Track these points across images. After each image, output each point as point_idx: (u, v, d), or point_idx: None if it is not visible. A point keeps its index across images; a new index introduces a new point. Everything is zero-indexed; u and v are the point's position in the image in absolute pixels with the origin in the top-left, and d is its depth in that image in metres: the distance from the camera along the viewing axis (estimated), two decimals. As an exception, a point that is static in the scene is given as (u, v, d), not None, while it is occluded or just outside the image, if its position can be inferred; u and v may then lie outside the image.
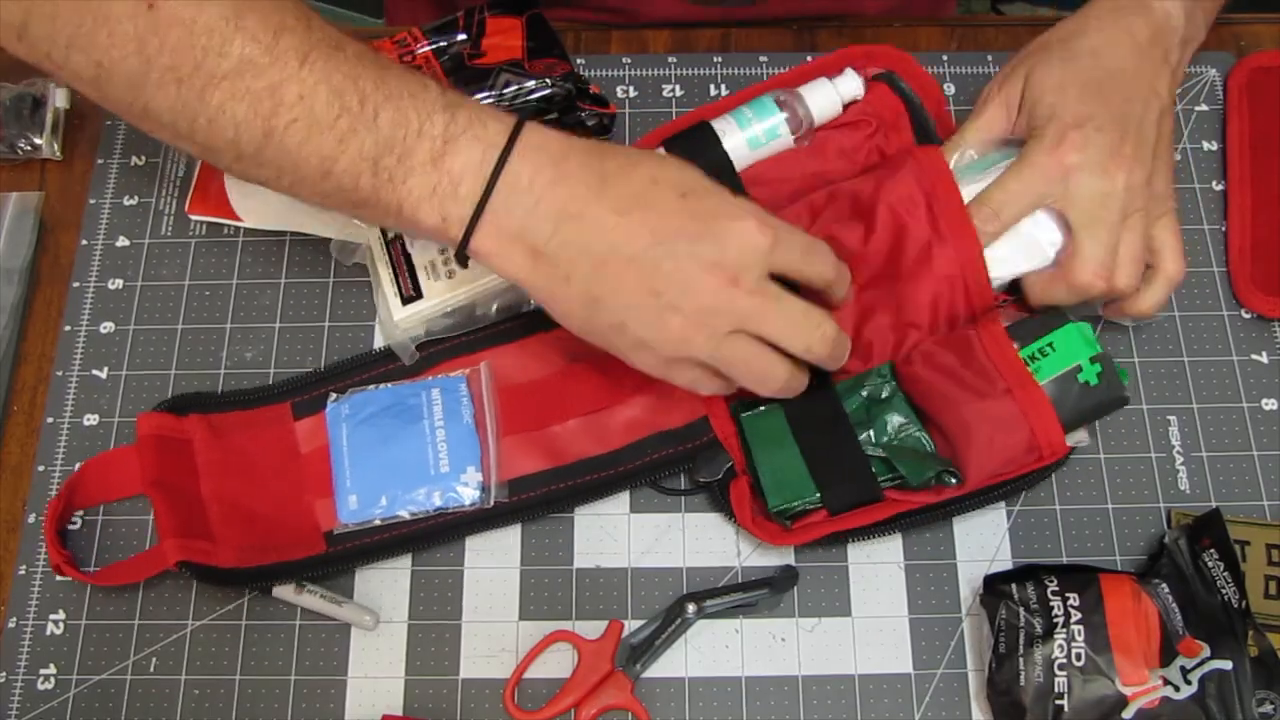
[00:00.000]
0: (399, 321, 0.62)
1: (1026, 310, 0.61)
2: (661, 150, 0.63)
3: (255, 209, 0.67)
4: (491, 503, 0.59)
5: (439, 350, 0.64)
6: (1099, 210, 0.56)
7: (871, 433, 0.59)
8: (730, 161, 0.63)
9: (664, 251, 0.50)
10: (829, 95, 0.63)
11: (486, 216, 0.50)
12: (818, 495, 0.58)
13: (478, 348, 0.64)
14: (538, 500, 0.60)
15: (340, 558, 0.59)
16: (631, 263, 0.50)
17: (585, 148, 0.51)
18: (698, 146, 0.63)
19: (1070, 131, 0.56)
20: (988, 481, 0.57)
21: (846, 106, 0.64)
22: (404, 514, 0.59)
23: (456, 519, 0.60)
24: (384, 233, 0.64)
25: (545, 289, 0.52)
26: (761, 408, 0.60)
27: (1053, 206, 0.58)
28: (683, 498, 0.62)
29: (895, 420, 0.59)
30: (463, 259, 0.52)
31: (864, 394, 0.60)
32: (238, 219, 0.67)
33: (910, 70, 0.65)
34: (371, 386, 0.63)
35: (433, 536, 0.60)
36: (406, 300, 0.62)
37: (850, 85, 0.64)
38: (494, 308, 0.64)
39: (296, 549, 0.59)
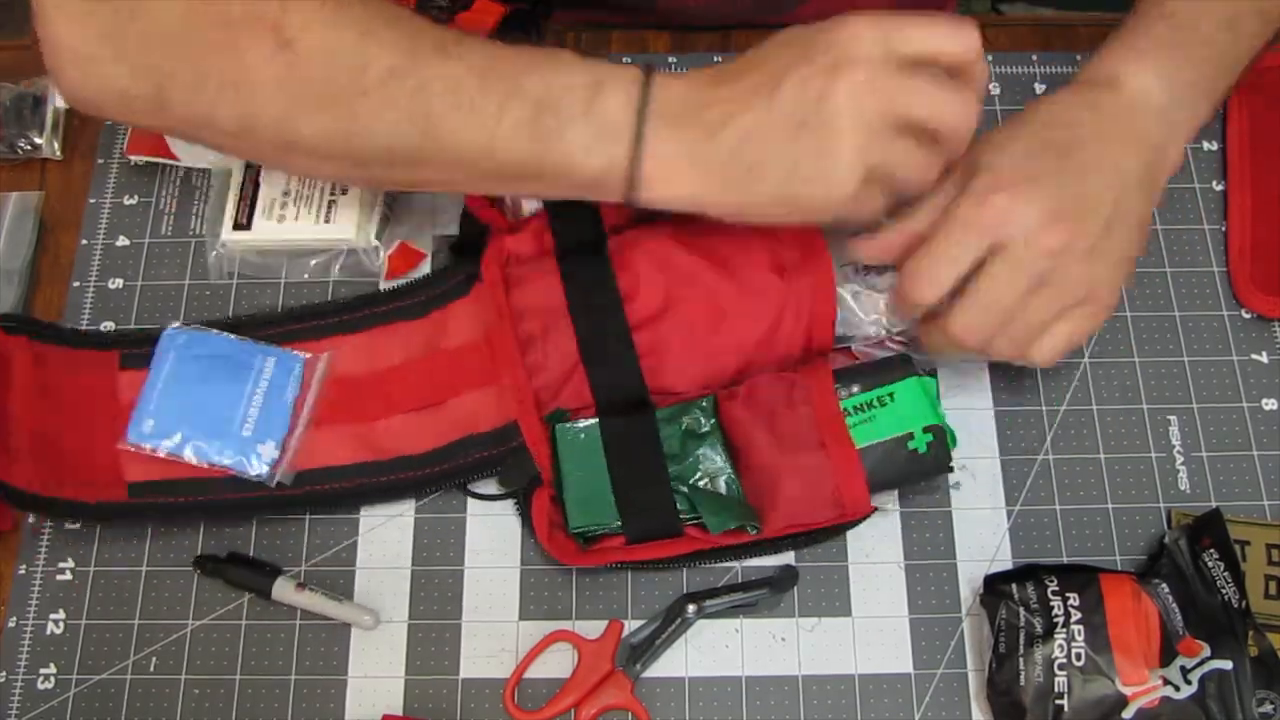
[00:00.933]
0: (224, 240, 0.66)
1: (855, 358, 0.61)
2: None
3: (189, 148, 0.68)
4: (274, 484, 0.60)
5: (289, 331, 0.64)
6: (1009, 272, 0.52)
7: (684, 467, 0.59)
8: None
9: (786, 85, 0.50)
10: None
11: (645, 146, 0.51)
12: (619, 522, 0.58)
13: (325, 334, 0.64)
14: (349, 491, 0.60)
15: (136, 510, 0.60)
16: (768, 113, 0.50)
17: (701, 72, 0.53)
18: None
19: (1004, 189, 0.52)
20: (785, 531, 0.58)
21: None
22: (190, 457, 0.60)
23: (254, 499, 0.60)
24: (249, 163, 0.67)
25: (710, 182, 0.51)
26: (579, 422, 0.59)
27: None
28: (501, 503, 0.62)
29: (708, 458, 0.59)
30: (633, 199, 0.52)
31: (683, 426, 0.59)
32: (175, 158, 0.68)
33: None
34: (216, 331, 0.63)
35: (227, 511, 0.61)
36: (237, 226, 0.65)
37: None
38: (305, 273, 0.67)
39: (96, 491, 0.60)
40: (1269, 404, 0.64)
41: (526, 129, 0.51)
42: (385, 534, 0.61)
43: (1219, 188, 0.69)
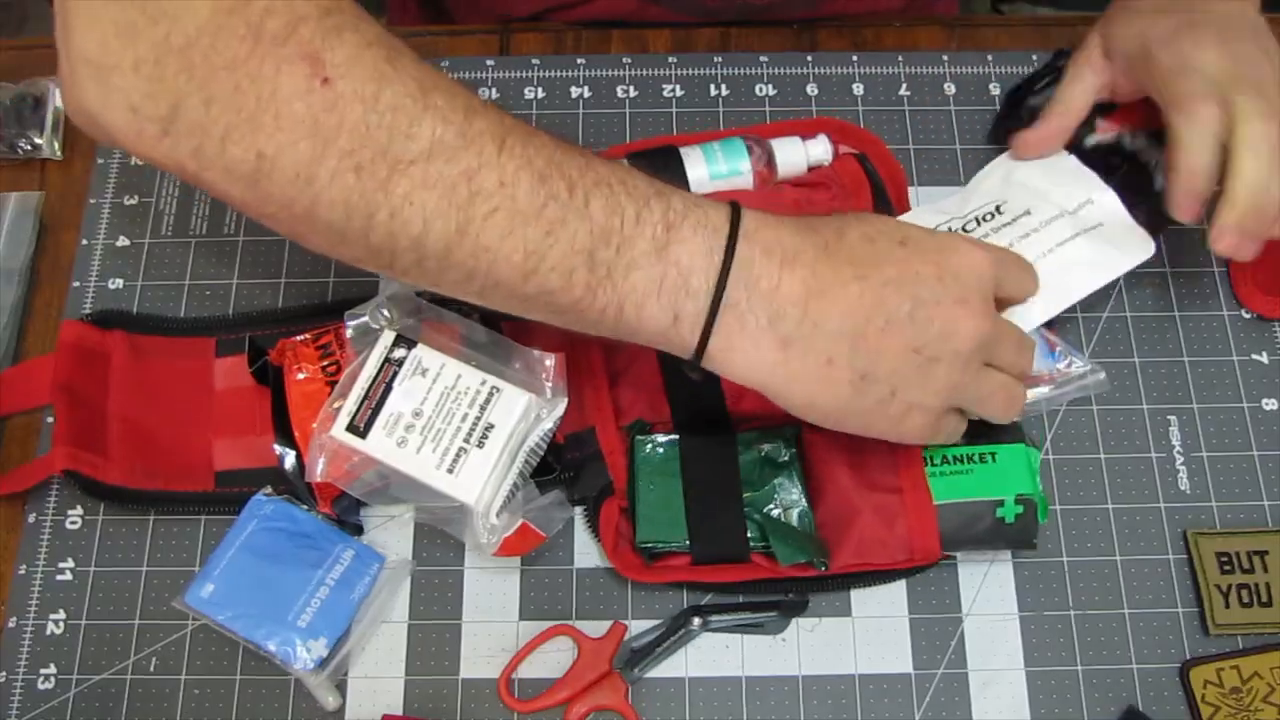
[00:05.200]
0: (332, 434, 0.55)
1: None
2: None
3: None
4: (318, 681, 0.56)
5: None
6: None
7: (759, 494, 0.58)
8: (688, 188, 0.62)
9: (915, 303, 0.47)
10: (797, 152, 0.64)
11: (725, 310, 0.45)
12: (688, 541, 0.57)
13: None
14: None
15: (224, 499, 0.60)
16: (890, 325, 0.47)
17: (795, 224, 0.48)
18: (662, 167, 0.62)
19: (1245, 85, 0.54)
20: (854, 568, 0.57)
21: (811, 169, 0.65)
22: (238, 633, 0.56)
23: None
24: (386, 358, 0.57)
25: (801, 381, 0.47)
26: (659, 436, 0.59)
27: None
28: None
29: (785, 489, 0.58)
30: (696, 366, 0.47)
31: (762, 453, 0.59)
32: None
33: (879, 154, 0.66)
34: (305, 509, 0.59)
35: (304, 499, 0.59)
36: (351, 428, 0.55)
37: (819, 150, 0.65)
38: (412, 511, 0.59)
39: (185, 481, 0.60)
40: (1269, 404, 0.64)
41: (583, 259, 0.44)
42: (385, 534, 0.61)
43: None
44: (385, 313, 0.57)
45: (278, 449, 0.59)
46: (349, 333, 0.58)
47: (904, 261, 0.48)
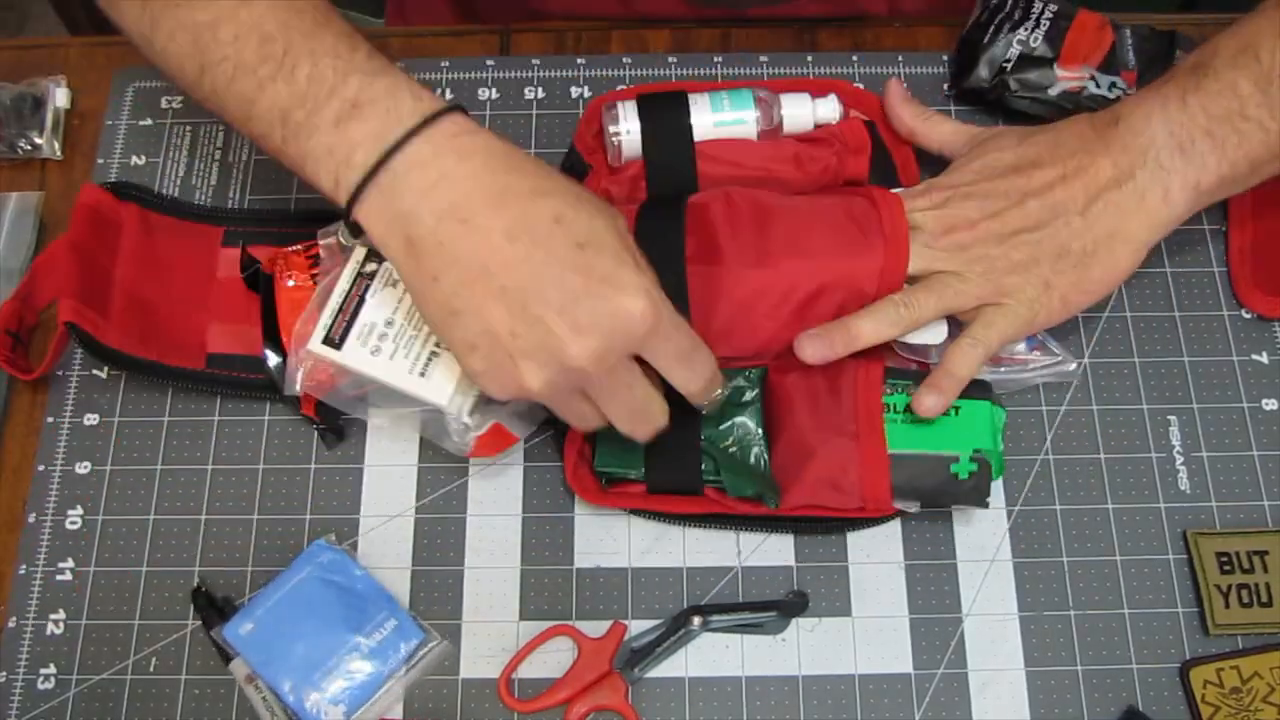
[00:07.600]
0: (310, 349, 0.57)
1: (918, 363, 0.61)
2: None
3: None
4: None
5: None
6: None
7: (718, 431, 0.59)
8: (691, 133, 0.64)
9: (536, 298, 0.47)
10: (805, 109, 0.65)
11: (372, 190, 0.49)
12: (643, 470, 0.59)
13: None
14: None
15: (211, 380, 0.63)
16: (502, 294, 0.47)
17: (500, 152, 0.49)
18: (667, 108, 0.64)
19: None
20: (805, 510, 0.58)
21: (818, 127, 0.66)
22: (262, 677, 0.56)
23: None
24: (359, 273, 0.57)
25: (412, 280, 0.50)
26: None
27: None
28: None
29: (744, 427, 0.59)
30: (353, 228, 0.51)
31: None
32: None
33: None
34: (362, 566, 0.59)
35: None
36: (327, 341, 0.56)
37: (828, 109, 0.66)
38: (386, 420, 0.57)
39: (177, 356, 0.63)
40: (1269, 404, 0.64)
41: (279, 116, 0.50)
42: (385, 534, 0.61)
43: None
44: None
45: (267, 353, 0.61)
46: (320, 252, 0.60)
47: (562, 261, 0.47)
